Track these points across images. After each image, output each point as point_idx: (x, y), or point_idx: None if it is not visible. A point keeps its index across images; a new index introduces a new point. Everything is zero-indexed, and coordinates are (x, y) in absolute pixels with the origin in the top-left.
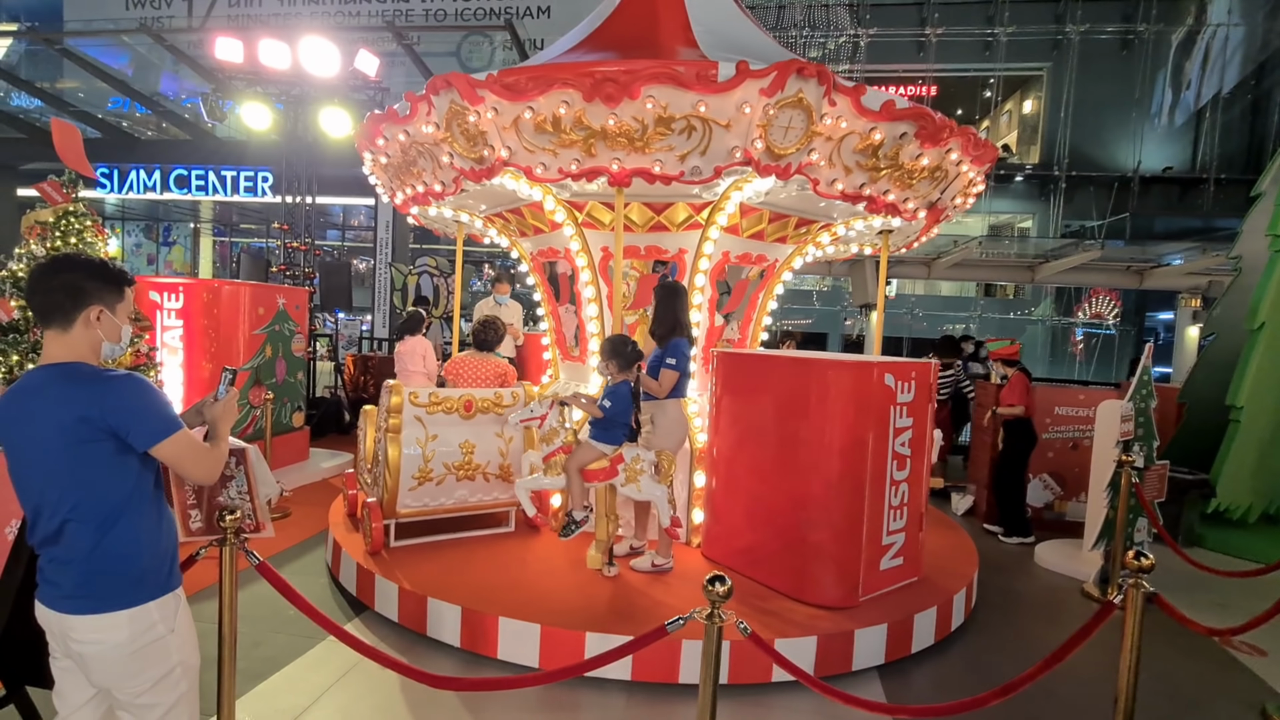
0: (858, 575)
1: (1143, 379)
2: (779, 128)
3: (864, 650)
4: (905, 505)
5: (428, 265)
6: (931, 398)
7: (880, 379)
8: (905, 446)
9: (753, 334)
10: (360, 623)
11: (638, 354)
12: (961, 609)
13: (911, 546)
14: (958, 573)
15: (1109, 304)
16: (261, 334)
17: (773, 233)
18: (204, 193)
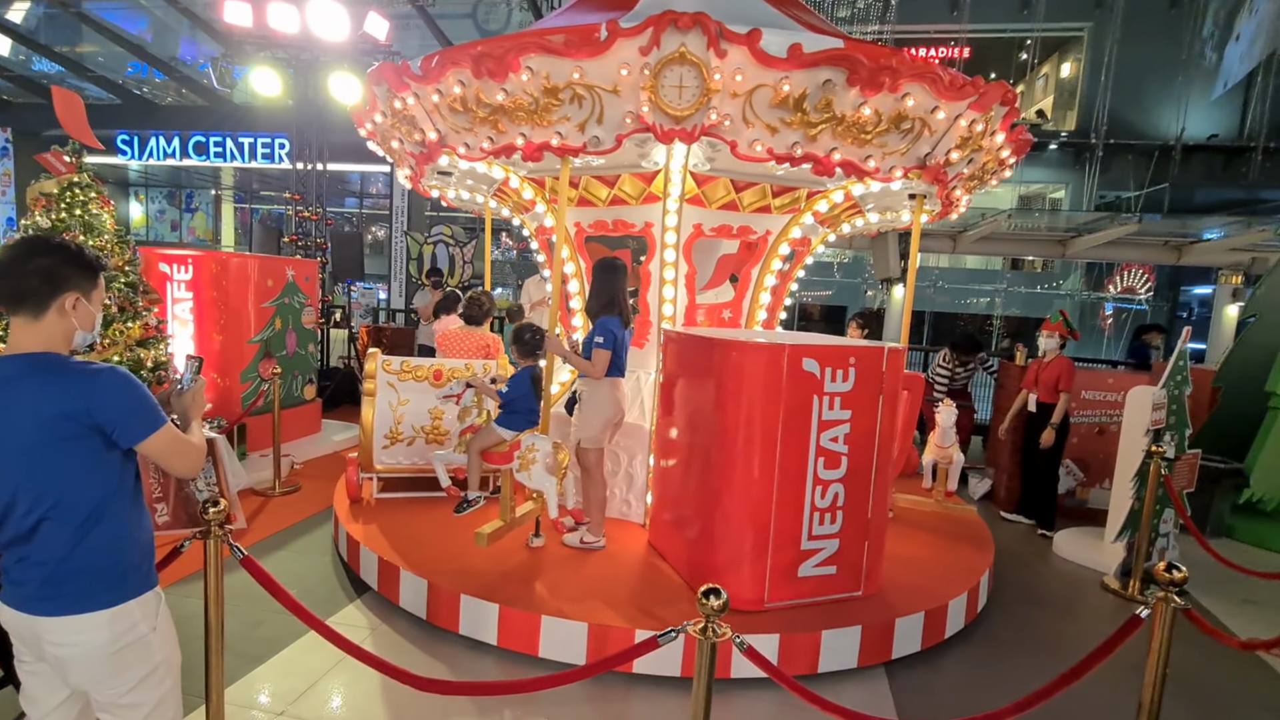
0: (763, 578)
1: (1178, 364)
2: (669, 88)
3: (744, 660)
4: (838, 509)
5: (443, 234)
6: (895, 390)
7: (794, 364)
8: (839, 442)
9: (748, 311)
10: (362, 604)
11: (536, 343)
12: (917, 631)
13: (850, 555)
14: (951, 580)
15: (1142, 278)
16: (271, 306)
17: (750, 202)
18: (222, 159)
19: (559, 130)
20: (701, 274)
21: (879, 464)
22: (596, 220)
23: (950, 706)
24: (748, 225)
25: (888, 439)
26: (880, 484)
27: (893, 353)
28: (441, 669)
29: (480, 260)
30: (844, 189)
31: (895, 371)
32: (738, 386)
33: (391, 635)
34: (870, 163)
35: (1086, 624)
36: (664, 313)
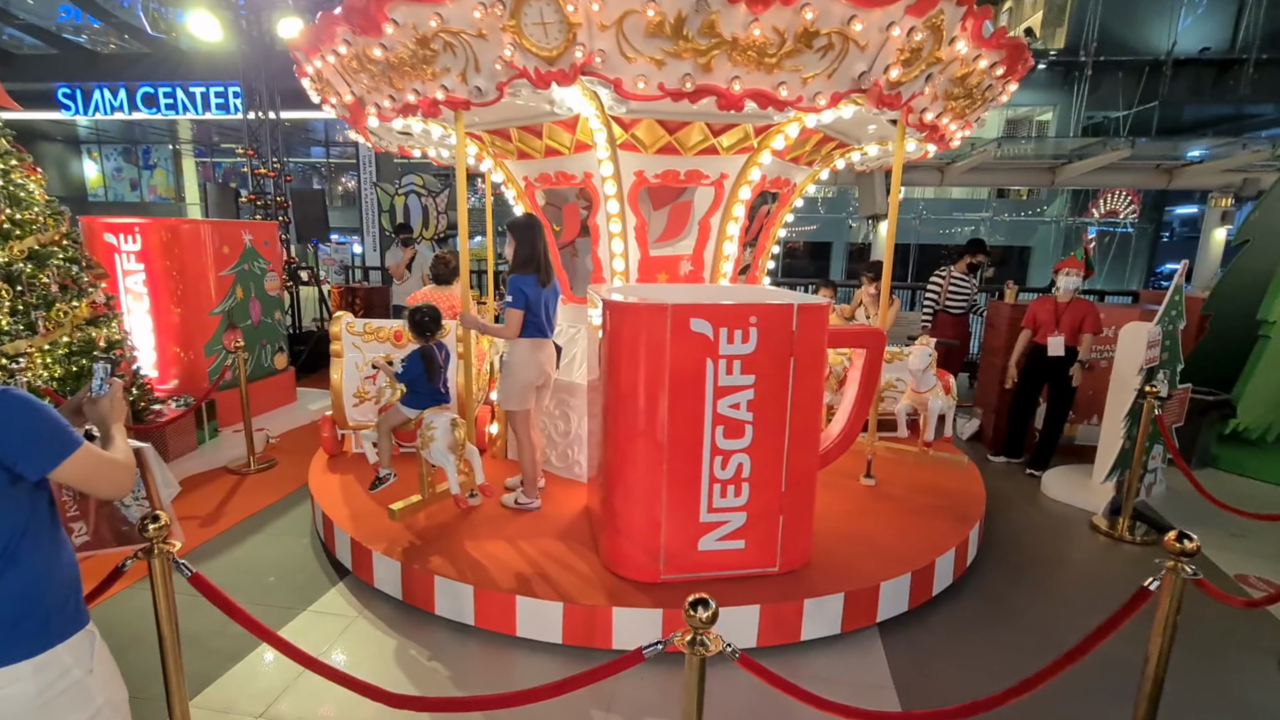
0: (658, 549)
1: (1173, 299)
2: (532, 25)
3: (626, 631)
4: (744, 480)
5: (414, 184)
6: (815, 351)
7: (680, 324)
8: (741, 410)
9: (712, 263)
10: (344, 588)
11: (426, 324)
12: (836, 612)
13: (760, 530)
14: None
15: (1125, 201)
16: (230, 274)
17: (693, 144)
18: (174, 111)
19: (444, 84)
20: (653, 224)
21: (795, 433)
22: (540, 173)
23: (946, 673)
24: (696, 169)
25: (807, 406)
26: (800, 455)
27: (807, 310)
28: (420, 662)
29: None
30: (798, 121)
31: (813, 330)
32: (621, 349)
33: (372, 624)
34: (784, 91)
35: (1078, 571)
36: (615, 268)
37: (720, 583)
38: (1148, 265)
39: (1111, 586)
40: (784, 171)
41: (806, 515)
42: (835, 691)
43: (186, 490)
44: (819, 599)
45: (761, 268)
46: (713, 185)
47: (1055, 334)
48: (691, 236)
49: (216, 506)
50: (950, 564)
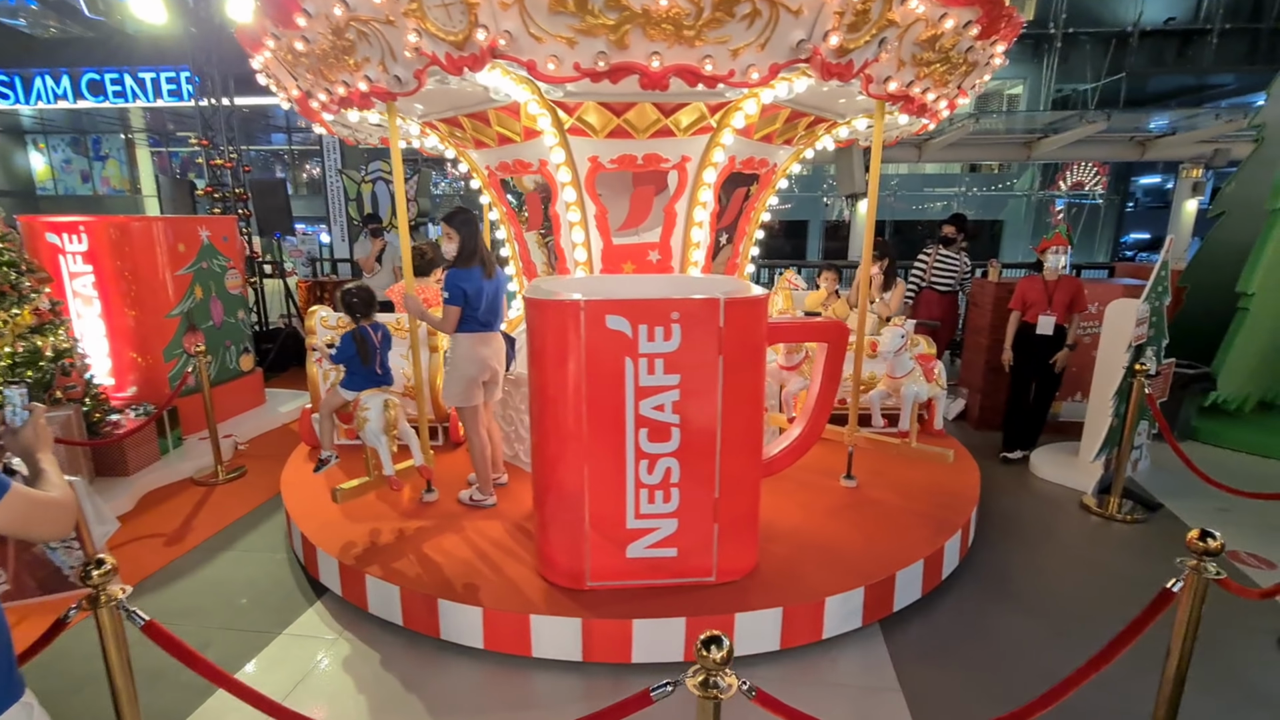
0: (583, 555)
1: (1159, 275)
2: (435, 9)
3: (546, 640)
4: (673, 486)
5: (381, 170)
6: (751, 348)
7: (595, 321)
8: (666, 412)
9: (745, 250)
10: (323, 607)
11: (357, 305)
12: (774, 627)
13: (694, 538)
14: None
15: (1092, 172)
16: (187, 273)
17: (645, 125)
18: (122, 99)
19: (367, 74)
20: (614, 212)
21: (729, 436)
22: (500, 161)
23: (954, 673)
24: (654, 153)
25: (743, 407)
26: (736, 459)
27: (737, 305)
28: (411, 686)
29: (425, 197)
30: (755, 97)
31: (746, 325)
32: (538, 346)
33: (354, 646)
34: (709, 66)
35: (1074, 554)
36: (577, 258)
37: (652, 592)
38: (1114, 236)
39: (1107, 569)
40: (758, 152)
41: (748, 523)
42: (843, 696)
43: (150, 505)
44: (753, 613)
45: (744, 254)
46: (674, 169)
47: (1047, 313)
48: (657, 224)
49: (183, 523)
50: (917, 576)
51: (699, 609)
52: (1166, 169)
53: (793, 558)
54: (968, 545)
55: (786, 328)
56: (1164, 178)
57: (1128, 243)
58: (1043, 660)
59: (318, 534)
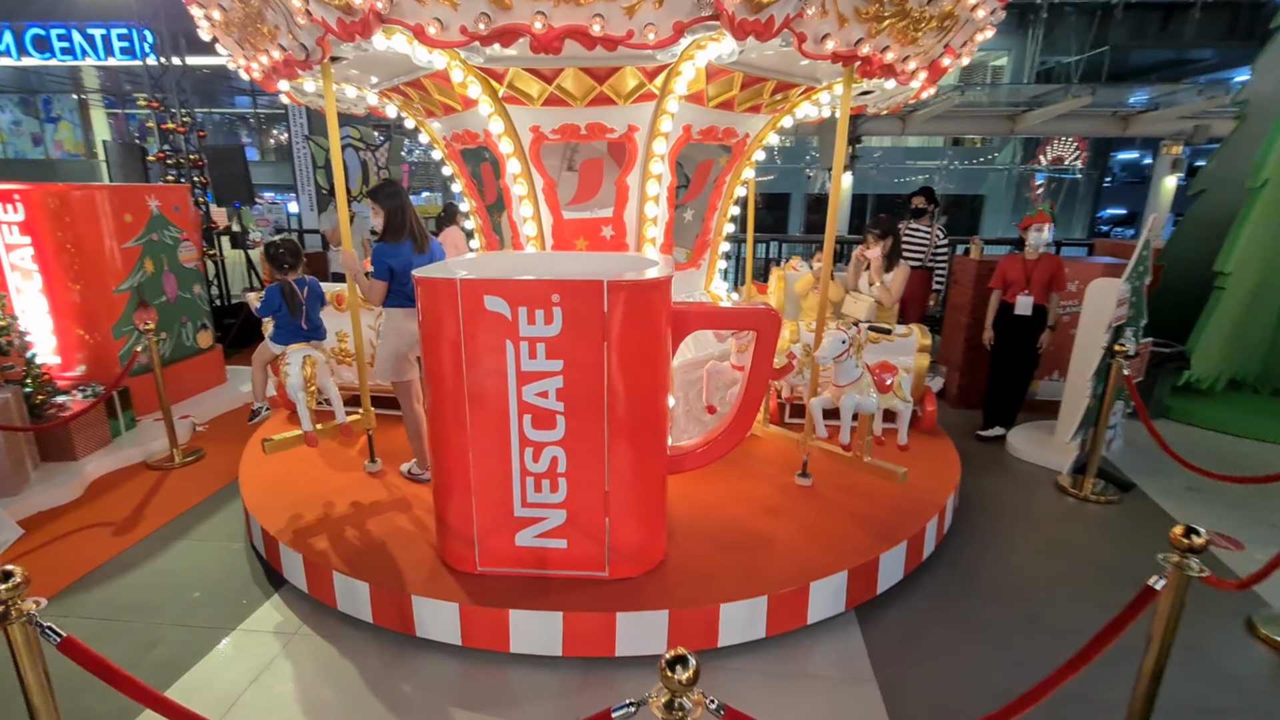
0: (472, 540)
1: (1141, 255)
2: None
3: (428, 621)
4: (560, 476)
5: (350, 137)
6: (648, 336)
7: (473, 301)
8: (550, 399)
9: (718, 226)
10: (282, 599)
11: (283, 257)
12: (660, 630)
13: (585, 530)
14: (808, 566)
15: (1071, 147)
16: (135, 246)
17: (582, 93)
18: (71, 57)
19: (281, 43)
20: (564, 186)
21: (618, 428)
22: (452, 132)
23: (929, 661)
24: (597, 123)
25: (636, 397)
26: (629, 452)
27: (624, 289)
28: (372, 685)
29: (396, 166)
30: (689, 60)
31: (637, 311)
32: (425, 325)
33: (313, 642)
34: (596, 26)
35: (1048, 535)
36: (527, 233)
37: (538, 583)
38: (1091, 211)
39: (1082, 552)
40: (720, 121)
41: (648, 518)
42: (816, 687)
43: (100, 492)
44: (636, 614)
45: (717, 230)
46: (621, 140)
47: (1025, 293)
48: (609, 198)
49: (134, 510)
50: (839, 589)
51: (579, 604)
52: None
53: (709, 557)
54: (943, 531)
55: (708, 314)
56: (1141, 153)
57: (1104, 218)
58: (1018, 647)
59: (270, 517)
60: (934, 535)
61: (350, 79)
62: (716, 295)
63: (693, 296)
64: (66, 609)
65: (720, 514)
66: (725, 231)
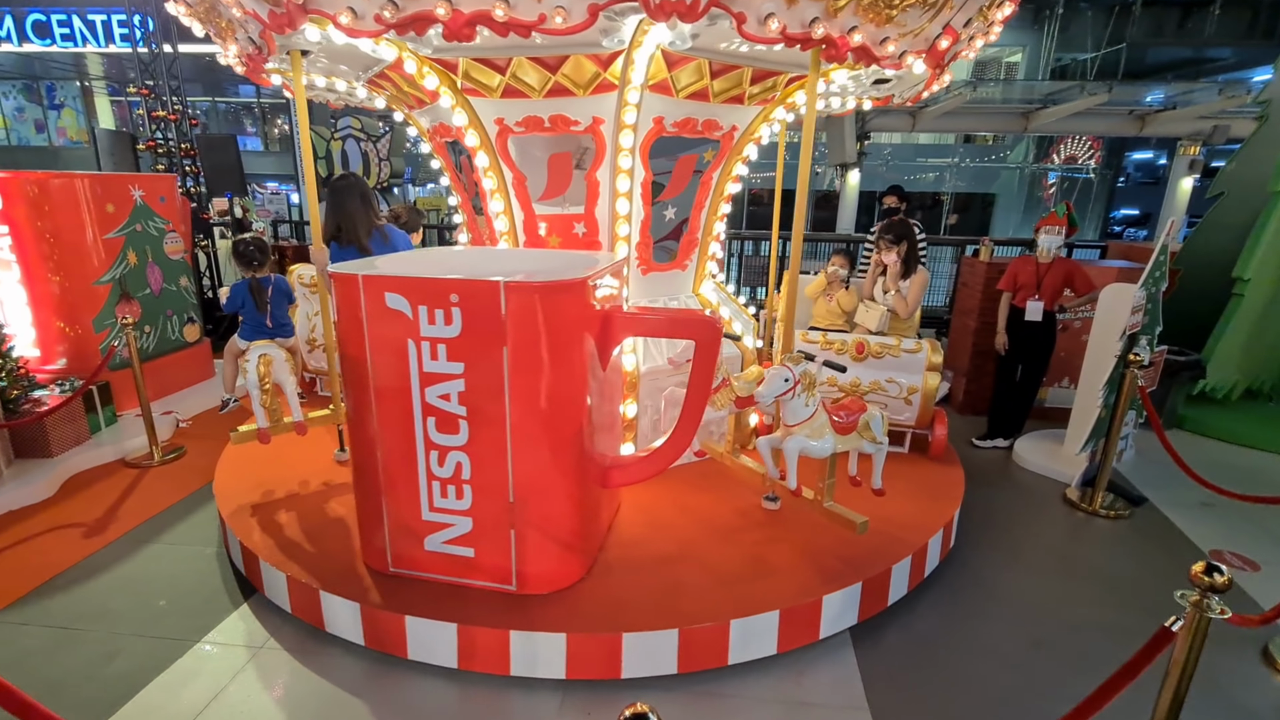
0: (384, 540)
1: (1158, 260)
2: None
3: (335, 618)
4: (464, 483)
5: (351, 127)
6: (559, 341)
7: (375, 299)
8: (452, 402)
9: (706, 223)
10: (251, 610)
11: (252, 254)
12: (557, 655)
13: (491, 541)
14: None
15: (1085, 146)
16: (118, 236)
17: (541, 83)
18: (71, 43)
19: (238, 37)
20: (532, 180)
21: (523, 437)
22: (432, 124)
23: (926, 690)
24: (561, 114)
25: (550, 406)
26: (537, 463)
27: (523, 291)
28: (339, 707)
29: (399, 157)
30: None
31: (547, 314)
32: (339, 321)
33: (279, 657)
34: (499, 12)
35: (1054, 553)
36: (498, 228)
37: (444, 590)
38: (1104, 212)
39: (1091, 572)
40: (697, 113)
41: (562, 534)
42: (808, 716)
43: (74, 490)
44: (531, 634)
45: (705, 229)
46: (588, 132)
47: (1035, 298)
48: (580, 194)
49: (107, 511)
50: (767, 630)
51: (476, 617)
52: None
53: (635, 581)
54: (949, 547)
55: (638, 320)
56: (1156, 153)
57: (1116, 218)
58: (1022, 675)
59: (242, 522)
60: (904, 579)
61: (330, 71)
62: (707, 299)
63: (678, 300)
64: (26, 616)
65: (669, 535)
66: (717, 231)
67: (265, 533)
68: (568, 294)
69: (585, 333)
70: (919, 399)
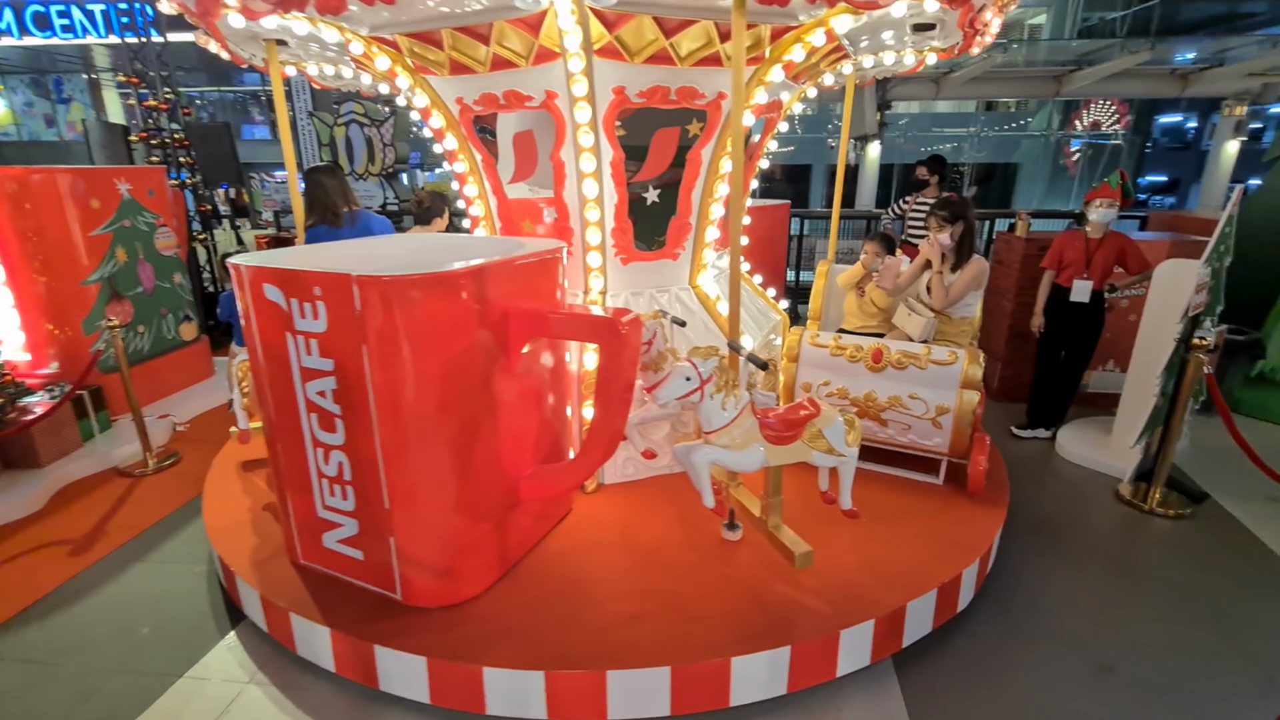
0: (292, 532)
1: (1224, 232)
2: None
3: (247, 601)
4: (347, 483)
5: (354, 112)
6: (408, 340)
7: (256, 289)
8: (328, 399)
9: (701, 206)
10: (239, 638)
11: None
12: (418, 673)
13: (374, 546)
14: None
15: (1109, 111)
16: (105, 233)
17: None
18: (71, 34)
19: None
20: (502, 161)
21: (399, 443)
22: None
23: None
24: (513, 89)
25: (429, 409)
26: (411, 469)
27: (378, 285)
28: None
29: (403, 142)
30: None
31: (411, 311)
32: (243, 311)
33: (267, 693)
34: None
35: (1111, 559)
36: (473, 213)
37: (339, 589)
38: (1133, 179)
39: (1153, 580)
40: (671, 79)
41: (451, 547)
42: None
43: (64, 503)
44: (394, 652)
45: (700, 213)
46: (544, 108)
47: (1084, 277)
48: (547, 176)
49: (96, 525)
50: (656, 687)
51: (350, 625)
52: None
53: (529, 609)
54: (953, 610)
55: (543, 321)
56: (1185, 116)
57: (1142, 186)
58: (1091, 707)
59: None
60: (860, 649)
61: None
62: (705, 293)
63: (669, 293)
64: (2, 649)
65: (599, 559)
66: (717, 216)
67: (249, 548)
68: (427, 289)
69: (462, 331)
70: (950, 421)
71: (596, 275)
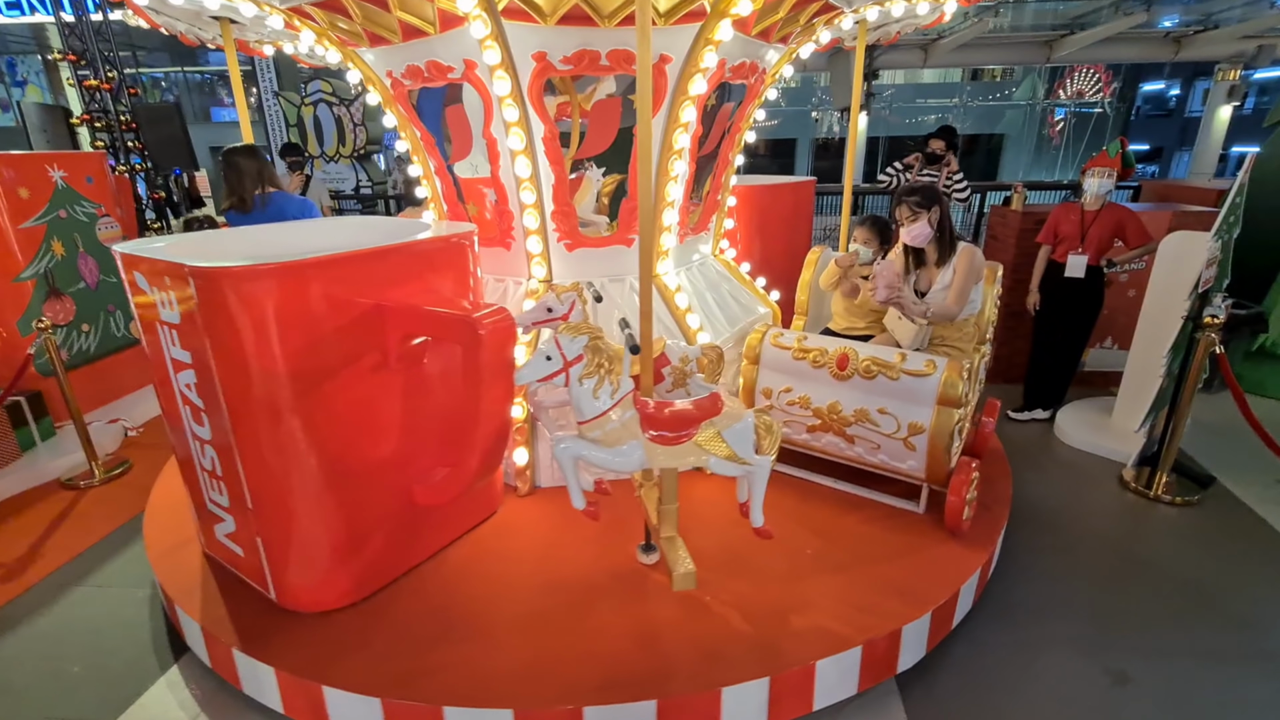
0: (194, 519)
1: (1234, 203)
2: None
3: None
4: (221, 479)
5: (322, 91)
6: (245, 341)
7: (132, 279)
8: (193, 392)
9: (515, 191)
10: (183, 670)
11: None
12: (270, 685)
13: (248, 544)
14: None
15: (1092, 79)
16: (38, 225)
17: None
18: (18, 11)
19: None
20: (443, 138)
21: (249, 440)
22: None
23: None
24: (433, 60)
25: (282, 409)
26: (279, 472)
27: (213, 277)
28: None
29: (375, 123)
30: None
31: (250, 307)
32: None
33: None
34: None
35: (1118, 551)
36: (420, 195)
37: (231, 583)
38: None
39: (1164, 574)
40: (600, 42)
41: (315, 550)
42: None
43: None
44: (249, 659)
45: (657, 194)
46: (465, 79)
47: (1078, 251)
48: (482, 155)
49: (30, 546)
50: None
51: (219, 625)
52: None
53: (407, 625)
54: (991, 567)
55: (411, 316)
56: (1168, 83)
57: None
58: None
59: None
60: (748, 710)
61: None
62: (665, 284)
63: (624, 282)
64: None
65: (498, 573)
66: (674, 198)
67: (194, 571)
68: (265, 281)
69: (314, 324)
70: (924, 443)
71: (539, 262)
